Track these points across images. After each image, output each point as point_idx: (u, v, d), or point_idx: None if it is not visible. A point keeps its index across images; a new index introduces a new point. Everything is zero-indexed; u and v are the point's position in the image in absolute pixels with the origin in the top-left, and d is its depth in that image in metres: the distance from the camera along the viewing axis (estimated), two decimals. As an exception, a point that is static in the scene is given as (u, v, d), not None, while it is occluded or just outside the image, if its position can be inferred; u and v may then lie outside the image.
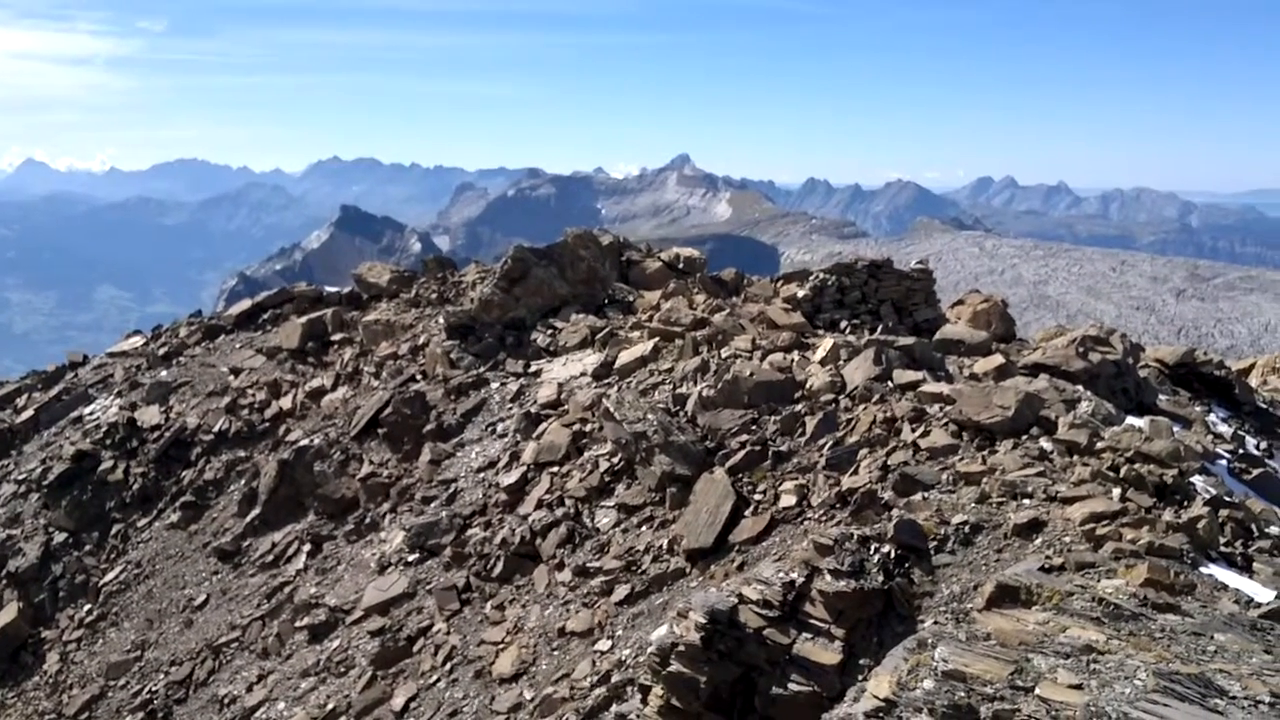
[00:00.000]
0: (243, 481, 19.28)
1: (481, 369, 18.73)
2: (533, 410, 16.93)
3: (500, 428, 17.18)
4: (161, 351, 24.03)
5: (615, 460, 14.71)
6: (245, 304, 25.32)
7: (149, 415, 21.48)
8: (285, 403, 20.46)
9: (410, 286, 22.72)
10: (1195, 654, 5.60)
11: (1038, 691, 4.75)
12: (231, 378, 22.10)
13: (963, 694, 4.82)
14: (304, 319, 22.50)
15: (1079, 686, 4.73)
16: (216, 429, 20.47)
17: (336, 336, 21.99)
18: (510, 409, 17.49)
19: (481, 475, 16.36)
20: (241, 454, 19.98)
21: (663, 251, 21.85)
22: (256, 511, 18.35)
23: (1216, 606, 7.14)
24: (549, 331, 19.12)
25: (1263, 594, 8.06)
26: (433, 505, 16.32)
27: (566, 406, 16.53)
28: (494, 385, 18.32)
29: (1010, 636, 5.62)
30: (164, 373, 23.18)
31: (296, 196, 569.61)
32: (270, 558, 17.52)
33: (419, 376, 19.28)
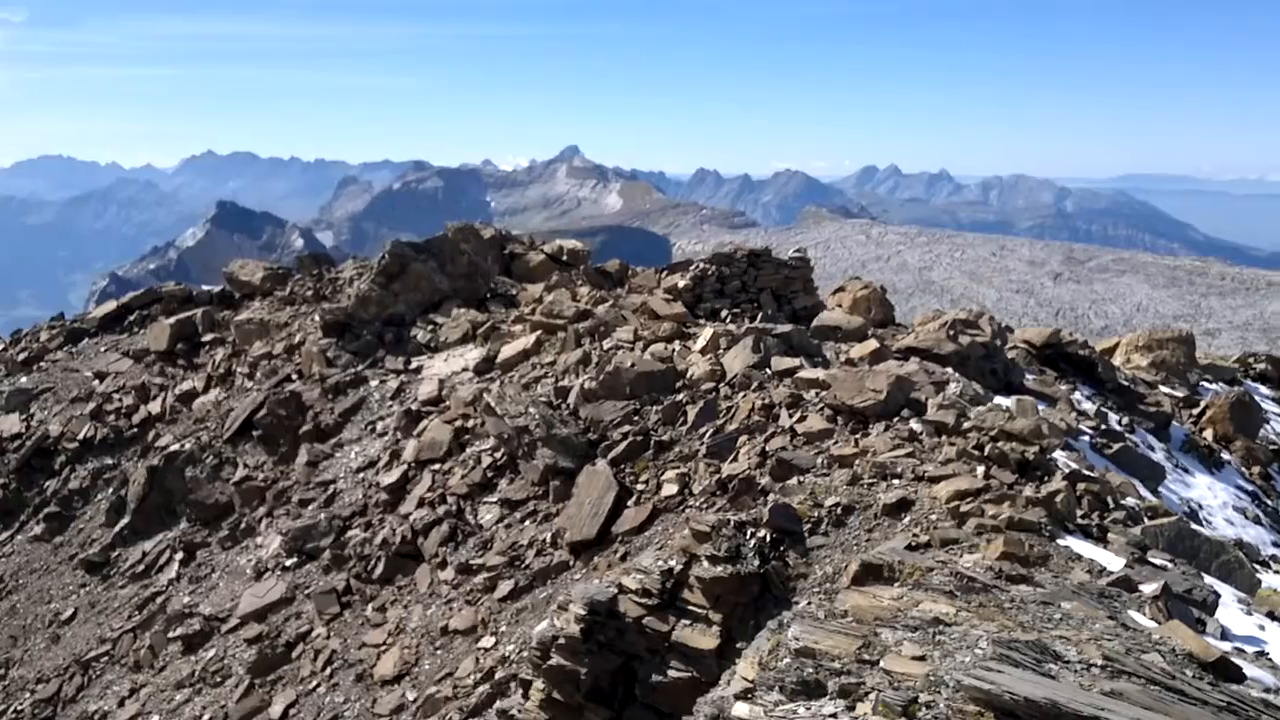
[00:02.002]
0: (110, 490, 18.58)
1: (360, 367, 18.37)
2: (413, 407, 16.69)
3: (380, 426, 16.89)
4: (21, 357, 22.93)
5: (498, 455, 14.61)
6: (110, 305, 24.32)
7: (9, 424, 20.52)
8: (154, 407, 19.76)
9: (285, 284, 22.13)
10: (1040, 622, 5.81)
11: (882, 664, 4.88)
12: (96, 383, 21.23)
13: (811, 670, 4.93)
14: (173, 320, 21.74)
15: (922, 658, 4.87)
16: (81, 436, 19.65)
17: (207, 337, 21.32)
18: (390, 407, 17.20)
19: (361, 475, 16.06)
20: (108, 461, 19.24)
21: (546, 244, 21.73)
22: (125, 520, 17.69)
23: (1068, 576, 7.42)
24: (429, 327, 18.85)
25: (1115, 563, 8.39)
26: (310, 508, 15.97)
27: (448, 403, 16.34)
28: (373, 383, 17.99)
29: (866, 613, 5.76)
30: (24, 379, 22.14)
31: (169, 193, 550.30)
32: (141, 568, 16.92)
33: (294, 376, 18.83)
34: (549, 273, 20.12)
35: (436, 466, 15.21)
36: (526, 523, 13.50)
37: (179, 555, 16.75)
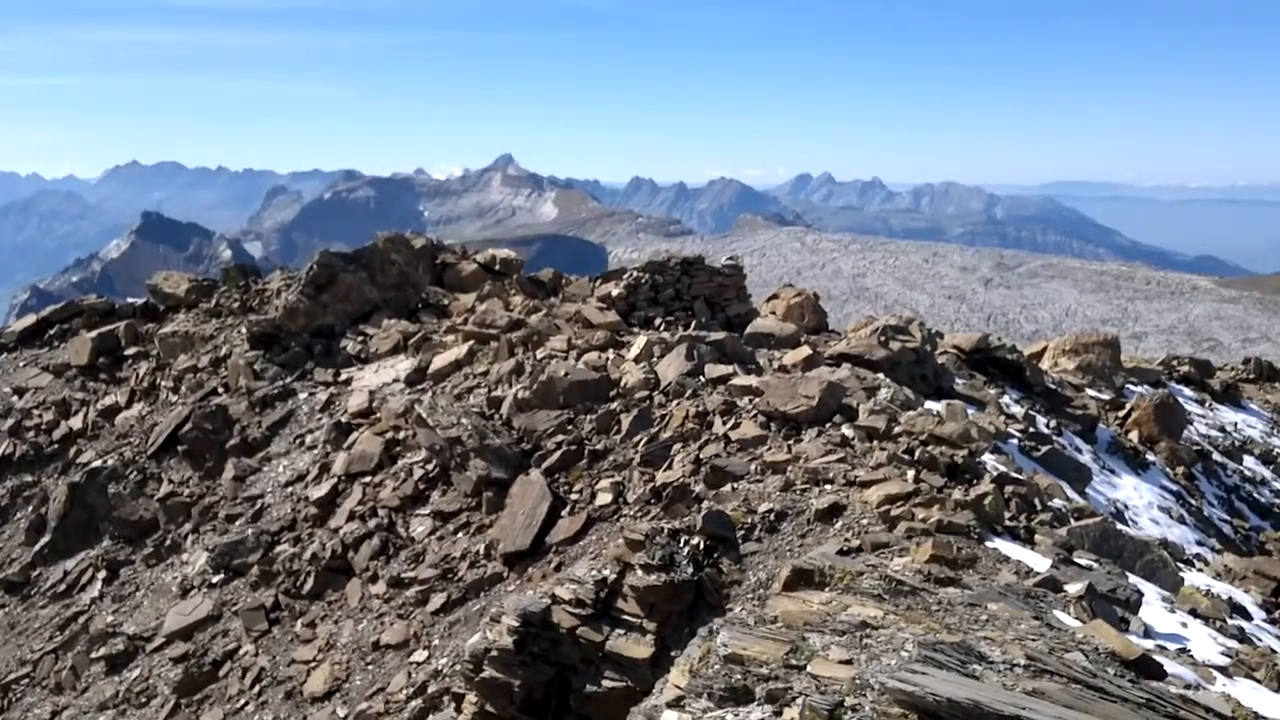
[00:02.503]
0: (30, 508, 18.02)
1: (288, 379, 18.04)
2: (343, 420, 16.43)
3: (309, 439, 16.60)
4: (-65, 373, 22.19)
5: (430, 467, 14.44)
6: (30, 319, 23.63)
7: (-78, 442, 19.81)
8: (75, 423, 19.23)
9: (210, 296, 21.67)
10: (967, 624, 5.86)
11: (810, 669, 4.88)
12: (15, 398, 20.61)
13: (739, 676, 4.92)
14: (94, 333, 21.18)
15: (849, 661, 4.89)
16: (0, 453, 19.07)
17: (131, 351, 20.79)
18: (319, 419, 16.92)
19: (289, 489, 15.76)
20: (28, 478, 18.66)
21: (479, 253, 21.58)
22: (46, 539, 17.16)
23: (996, 578, 7.51)
24: (359, 338, 18.58)
25: (1041, 564, 8.51)
26: (238, 523, 15.63)
27: (378, 414, 16.11)
28: (301, 396, 17.69)
29: (796, 618, 5.77)
30: (-62, 396, 21.42)
31: (93, 204, 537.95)
32: (62, 587, 16.42)
33: (221, 390, 18.43)
34: (481, 282, 19.98)
35: (367, 479, 14.99)
36: (459, 535, 13.35)
37: (102, 574, 16.30)
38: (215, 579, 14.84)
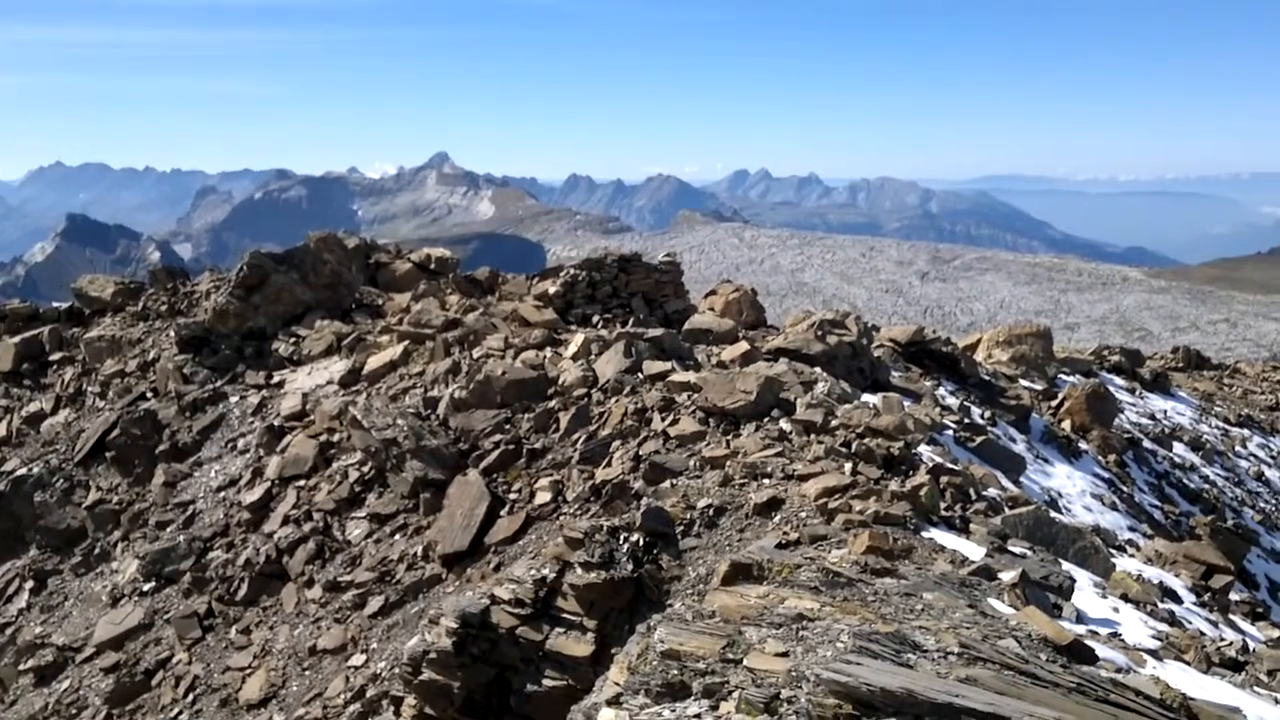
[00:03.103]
0: (-48, 519, 17.47)
1: (219, 383, 17.69)
2: (276, 423, 16.15)
3: (241, 443, 16.28)
4: None
5: (365, 469, 14.25)
6: (-52, 325, 22.93)
7: None
8: (-1, 430, 18.70)
9: (137, 299, 21.17)
10: (902, 613, 5.91)
11: (746, 662, 4.89)
12: (-66, 407, 19.98)
13: (676, 671, 4.91)
14: (17, 339, 20.59)
15: (785, 654, 4.90)
16: (-82, 464, 18.46)
17: (55, 356, 20.25)
18: (251, 423, 16.61)
19: (222, 494, 15.46)
20: (-51, 489, 18.09)
21: (413, 252, 21.35)
22: (-31, 551, 16.66)
23: (931, 568, 7.59)
24: (292, 340, 18.27)
25: (976, 553, 8.61)
26: (169, 530, 15.29)
27: (312, 417, 15.87)
28: (233, 399, 17.35)
29: (733, 612, 5.78)
30: None
31: (15, 206, 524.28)
32: (-13, 599, 15.96)
33: (149, 394, 18.02)
34: (416, 282, 19.76)
35: (301, 483, 14.75)
36: (396, 537, 13.20)
37: (29, 584, 15.86)
38: (146, 587, 14.51)
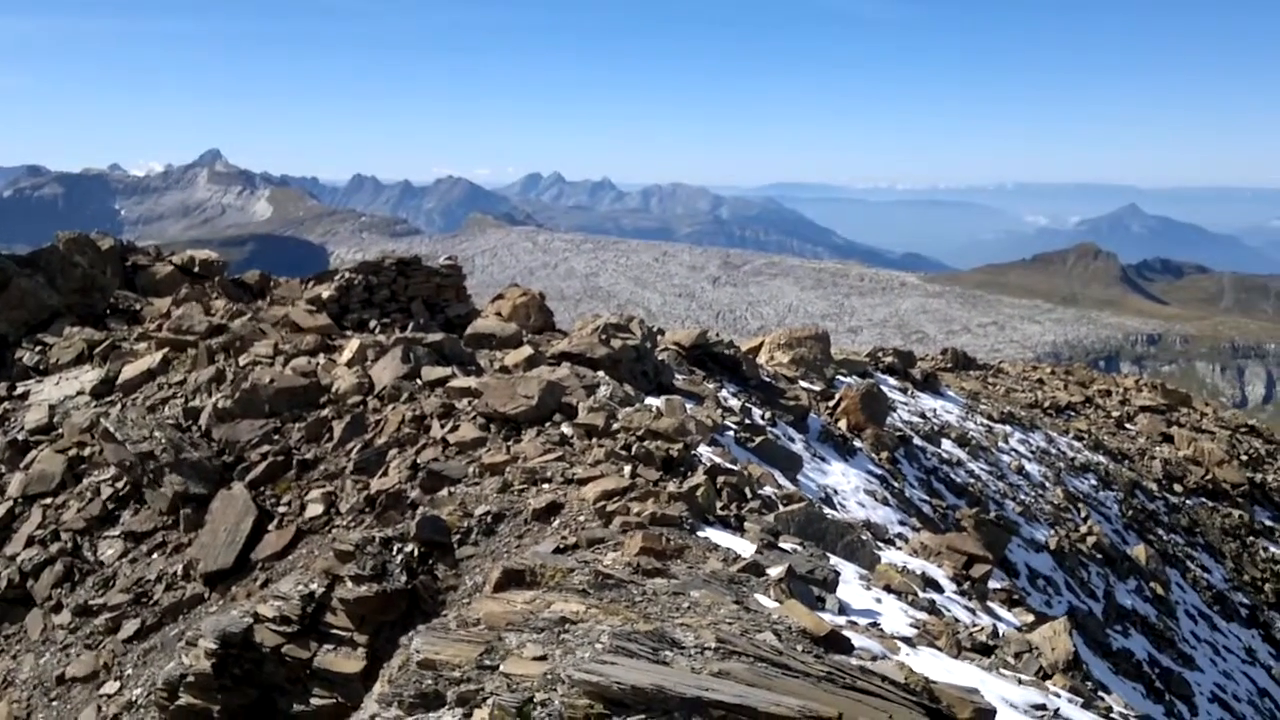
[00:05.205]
0: None
1: (-46, 395, 16.18)
2: (19, 437, 14.91)
3: (-21, 460, 14.94)
4: None
5: (120, 485, 13.32)
6: None
7: None
8: None
9: None
10: (668, 612, 5.95)
11: (503, 668, 4.81)
12: None
13: (430, 681, 4.78)
14: None
15: (543, 658, 4.85)
16: None
17: None
18: (-9, 438, 15.26)
19: (-43, 516, 14.12)
20: None
21: (175, 255, 20.16)
22: None
23: (703, 566, 7.70)
24: (38, 348, 16.92)
25: (748, 550, 8.82)
26: (-108, 558, 13.85)
27: (60, 430, 14.72)
28: (-30, 412, 15.90)
29: (498, 619, 5.68)
30: None
31: None
32: None
33: (-126, 409, 16.29)
34: (179, 286, 18.63)
35: (48, 500, 13.65)
36: (154, 555, 12.39)
37: None
38: None
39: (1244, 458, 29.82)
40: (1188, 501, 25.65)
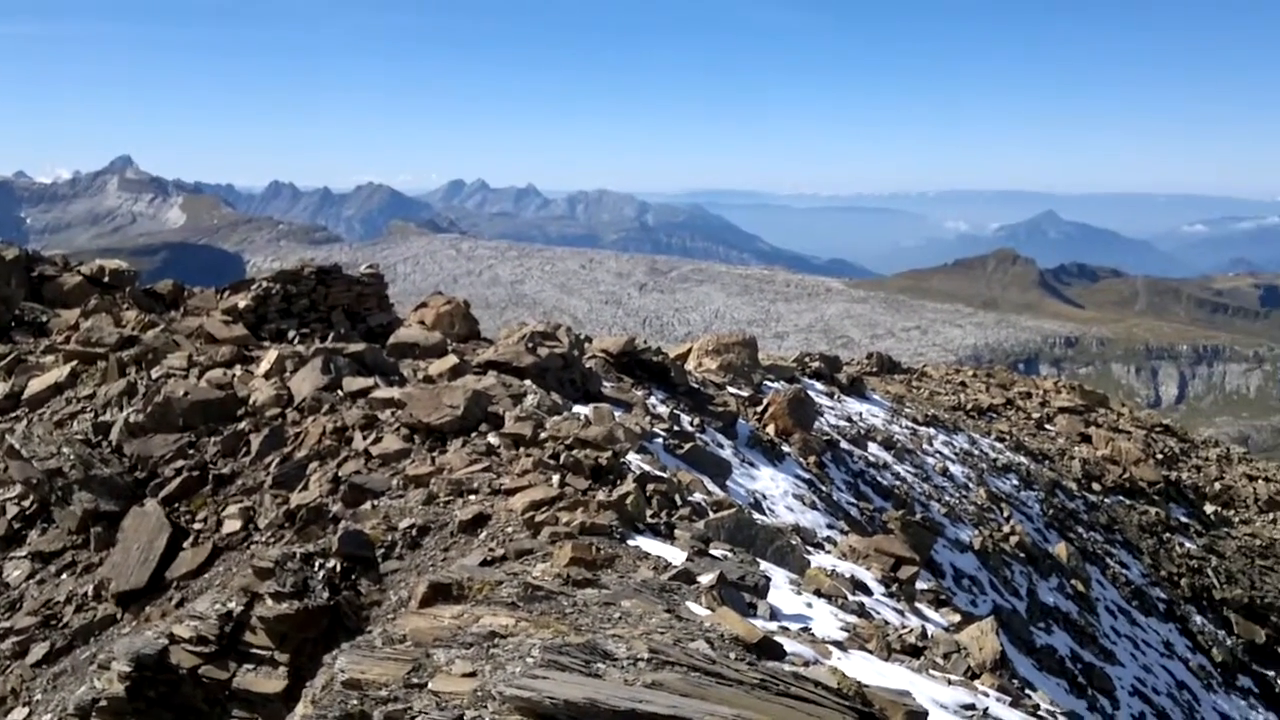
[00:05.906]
0: None
1: None
2: (-84, 457, 14.24)
3: (-127, 482, 14.24)
4: None
5: (26, 504, 12.80)
6: None
7: None
8: None
9: None
10: (599, 623, 5.85)
11: (431, 686, 4.67)
12: None
13: (356, 701, 4.62)
14: None
15: (473, 674, 4.72)
16: None
17: None
18: (-114, 458, 14.57)
19: None
20: None
21: (84, 264, 19.52)
22: None
23: (634, 575, 7.61)
24: (-63, 363, 16.21)
25: (678, 557, 8.74)
26: None
27: (-38, 448, 14.11)
28: None
29: (425, 635, 5.52)
30: None
31: None
32: None
33: None
34: (87, 296, 18.00)
35: (-50, 523, 13.07)
36: (64, 576, 11.91)
37: None
38: None
39: (1159, 456, 30.68)
40: (1106, 500, 26.26)
